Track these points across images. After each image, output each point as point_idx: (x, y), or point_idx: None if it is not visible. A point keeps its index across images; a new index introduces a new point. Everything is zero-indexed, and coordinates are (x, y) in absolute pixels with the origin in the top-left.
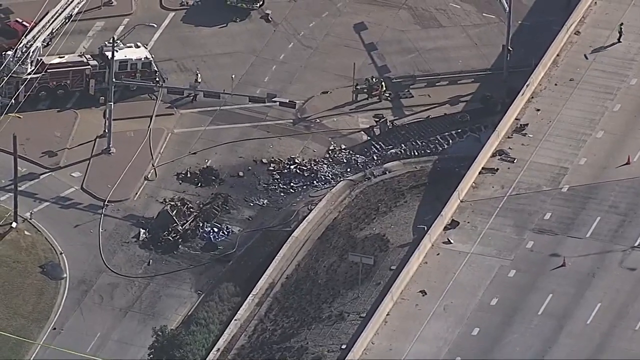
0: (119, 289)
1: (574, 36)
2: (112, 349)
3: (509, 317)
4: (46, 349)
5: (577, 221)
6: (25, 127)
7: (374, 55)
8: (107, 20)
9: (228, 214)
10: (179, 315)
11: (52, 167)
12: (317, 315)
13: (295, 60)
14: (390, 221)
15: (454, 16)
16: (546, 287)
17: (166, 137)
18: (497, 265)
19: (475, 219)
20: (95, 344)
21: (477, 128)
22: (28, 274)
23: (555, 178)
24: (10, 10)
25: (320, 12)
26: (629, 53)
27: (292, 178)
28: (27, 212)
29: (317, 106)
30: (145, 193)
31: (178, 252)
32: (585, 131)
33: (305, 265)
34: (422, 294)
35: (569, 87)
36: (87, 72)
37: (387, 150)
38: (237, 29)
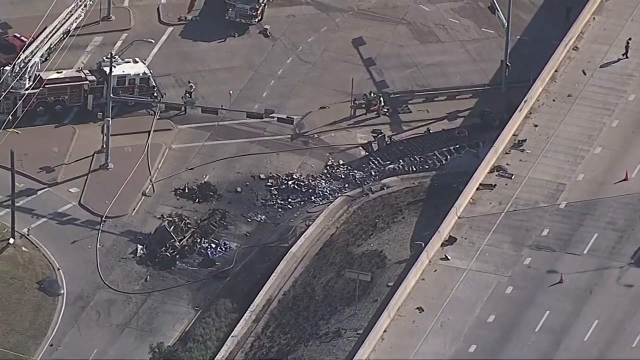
0: (116, 305)
1: (572, 52)
2: None
3: (507, 333)
4: None
5: (574, 238)
6: (23, 143)
7: (372, 70)
8: (106, 35)
9: (226, 230)
10: (176, 332)
11: (50, 183)
12: (314, 331)
13: (293, 75)
14: (388, 237)
15: (453, 31)
16: (544, 303)
17: (164, 153)
18: (495, 281)
19: (472, 235)
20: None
21: (475, 144)
22: (25, 290)
23: (553, 194)
24: (8, 25)
25: (318, 27)
26: (627, 69)
27: (290, 194)
28: (25, 228)
29: (315, 121)
30: (143, 209)
31: (175, 268)
32: (583, 147)
33: (303, 281)
34: (419, 310)
35: (567, 102)
36: (85, 87)
37: (385, 165)
38: (236, 44)
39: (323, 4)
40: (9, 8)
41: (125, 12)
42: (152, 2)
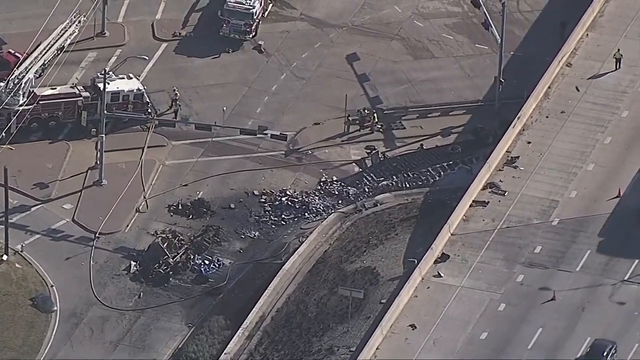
0: (109, 322)
1: (565, 68)
2: None
3: (499, 351)
4: None
5: (567, 255)
6: (16, 159)
7: (366, 86)
8: (100, 51)
9: (219, 246)
10: (169, 349)
11: (44, 199)
12: (306, 349)
13: (287, 91)
14: (381, 254)
15: (447, 47)
16: (536, 320)
17: (158, 169)
18: (487, 299)
19: (465, 252)
20: None
21: (468, 160)
22: (18, 306)
23: (546, 211)
24: (2, 41)
25: (312, 43)
26: (620, 85)
27: (284, 210)
28: (18, 244)
29: (309, 137)
30: (136, 225)
31: (169, 284)
32: (576, 164)
33: (296, 298)
34: (412, 327)
35: (561, 119)
36: (79, 103)
37: (378, 182)
38: (230, 60)
39: (317, 20)
40: (3, 24)
41: (119, 28)
42: (146, 18)
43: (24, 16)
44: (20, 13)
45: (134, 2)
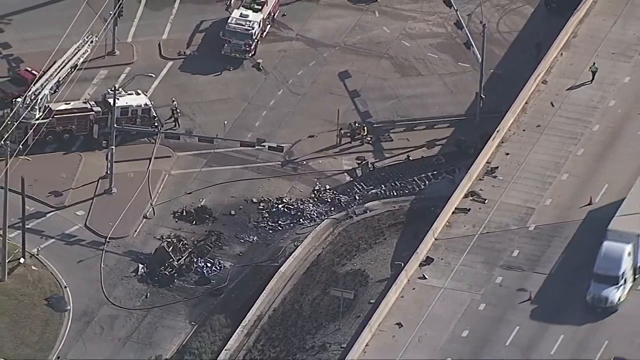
0: (118, 320)
1: (541, 85)
2: None
3: (479, 347)
4: None
5: (542, 258)
6: (33, 169)
7: (357, 101)
8: (110, 69)
9: (220, 250)
10: (174, 345)
11: (58, 206)
12: (301, 345)
13: (284, 106)
14: (370, 257)
15: (432, 65)
16: (514, 320)
17: (164, 178)
18: (469, 299)
19: (448, 255)
20: None
21: (451, 170)
22: (34, 306)
23: (523, 218)
24: (20, 60)
25: (307, 61)
26: (592, 101)
27: (280, 216)
28: (34, 248)
29: (304, 149)
30: (144, 230)
31: (174, 285)
32: (551, 174)
33: (291, 298)
34: (398, 326)
35: (537, 132)
36: (91, 117)
37: (368, 190)
38: (231, 77)
39: (312, 40)
40: (21, 44)
41: (128, 47)
42: (153, 38)
43: (40, 37)
44: (36, 34)
45: (142, 23)
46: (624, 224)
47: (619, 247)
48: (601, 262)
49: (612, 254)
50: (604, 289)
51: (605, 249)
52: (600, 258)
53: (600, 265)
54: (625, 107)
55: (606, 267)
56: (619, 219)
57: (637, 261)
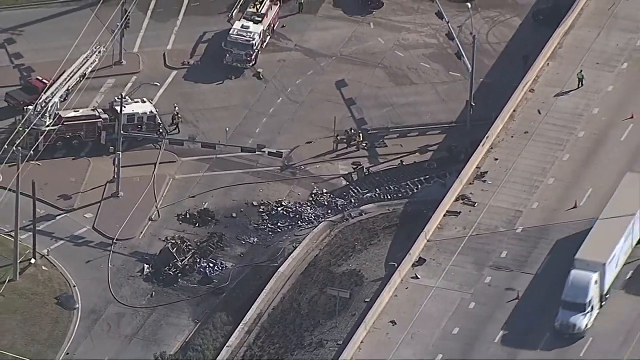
0: (125, 318)
1: (529, 93)
2: None
3: (469, 345)
4: None
5: (529, 259)
6: (43, 173)
7: (352, 109)
8: (117, 78)
9: (222, 251)
10: (177, 342)
11: (67, 209)
12: (299, 342)
13: (283, 113)
14: (365, 258)
15: (424, 74)
16: (502, 318)
17: (168, 182)
18: (459, 298)
19: (440, 256)
20: None
21: (442, 175)
22: (44, 304)
23: (511, 220)
24: (31, 69)
25: (305, 70)
26: (577, 109)
27: (279, 219)
28: (45, 249)
29: (302, 154)
30: (149, 232)
31: (178, 285)
32: (538, 178)
33: (290, 297)
34: (392, 323)
35: (524, 138)
36: (99, 124)
37: (363, 194)
38: (232, 86)
39: (310, 50)
40: (32, 54)
41: (134, 57)
42: (158, 48)
43: (50, 47)
44: (47, 44)
45: (147, 34)
46: (590, 253)
47: (586, 275)
48: (569, 290)
49: (579, 282)
50: (571, 316)
51: (573, 278)
52: (568, 286)
53: (568, 293)
54: (609, 115)
55: (574, 295)
56: (586, 249)
57: (604, 289)
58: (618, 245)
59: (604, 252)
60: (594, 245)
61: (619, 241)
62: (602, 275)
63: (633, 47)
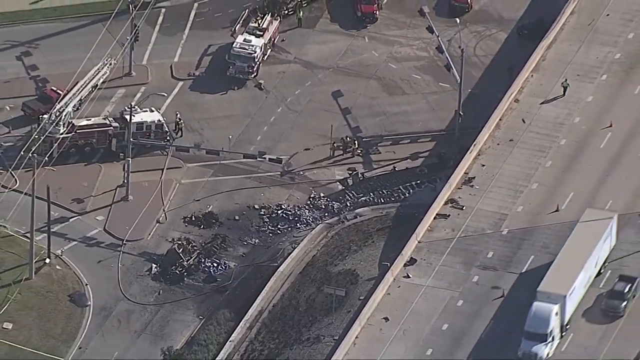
0: (134, 314)
1: (514, 103)
2: None
3: (457, 340)
4: None
5: (514, 259)
6: (57, 178)
7: (348, 118)
8: (127, 89)
9: (225, 252)
10: (183, 337)
11: (80, 212)
12: (298, 337)
13: (283, 122)
14: (360, 258)
15: (416, 85)
16: (488, 315)
17: (175, 187)
18: (448, 296)
19: (430, 257)
20: None
21: (433, 180)
22: (58, 301)
23: (497, 223)
24: (46, 80)
25: (304, 81)
26: (559, 118)
27: (279, 221)
28: (59, 249)
29: (301, 161)
30: (157, 234)
31: (184, 283)
32: (522, 183)
33: (289, 295)
34: (385, 320)
35: (509, 146)
36: (110, 132)
37: (358, 198)
38: (235, 96)
39: (308, 63)
40: (47, 66)
41: (144, 69)
42: (166, 61)
43: (64, 60)
44: (61, 57)
45: (156, 47)
46: (552, 285)
47: (547, 307)
48: (531, 321)
49: (541, 313)
50: (533, 346)
51: (535, 309)
52: (530, 317)
53: (530, 324)
54: (589, 124)
55: (536, 326)
56: (547, 281)
57: (564, 319)
58: (578, 278)
59: (564, 285)
60: (555, 278)
61: (579, 274)
62: (563, 307)
63: (611, 60)
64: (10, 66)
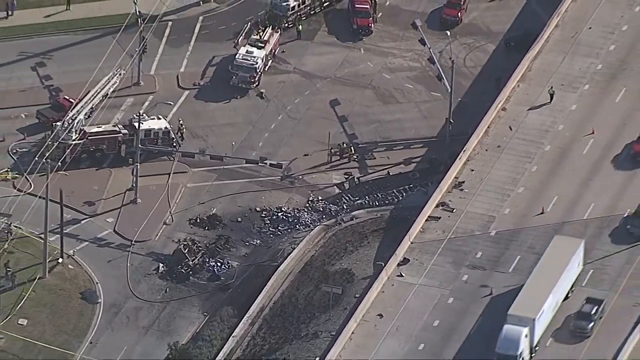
0: (142, 311)
1: (501, 112)
2: None
3: (448, 335)
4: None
5: (502, 259)
6: (70, 182)
7: (345, 125)
8: (136, 97)
9: (229, 252)
10: (189, 333)
11: (91, 214)
12: (297, 333)
13: (283, 129)
14: (356, 258)
15: (408, 94)
16: (477, 311)
17: (181, 190)
18: (439, 294)
19: (422, 257)
20: (123, 356)
21: (425, 184)
22: (71, 299)
23: (485, 225)
24: (60, 89)
25: (303, 90)
26: (544, 125)
27: (279, 223)
28: (71, 250)
29: (300, 166)
30: (164, 235)
31: (189, 282)
32: (509, 187)
33: (289, 293)
34: (379, 317)
35: (497, 152)
36: (119, 138)
37: (354, 201)
38: (238, 104)
39: (307, 73)
40: (60, 76)
41: (151, 79)
42: (172, 71)
43: (77, 70)
44: (73, 68)
45: (163, 58)
46: (521, 309)
47: (517, 330)
48: (501, 343)
49: (511, 336)
50: None
51: (505, 332)
52: (501, 340)
53: (500, 346)
54: (572, 131)
55: (506, 348)
56: (517, 305)
57: (533, 341)
58: (547, 302)
59: (534, 308)
60: (525, 302)
61: (548, 298)
62: (532, 330)
63: (593, 70)
64: (25, 76)
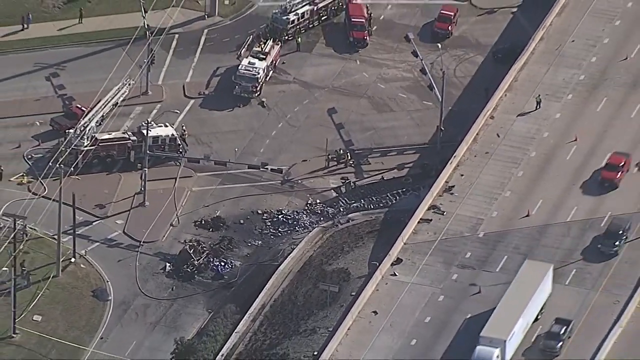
0: (150, 308)
1: (489, 120)
2: (144, 354)
3: (439, 331)
4: (95, 354)
5: (490, 259)
6: (82, 186)
7: (341, 132)
8: (144, 106)
9: (232, 252)
10: (194, 328)
11: (102, 216)
12: (296, 329)
13: (283, 136)
14: (352, 258)
15: (402, 103)
16: (466, 309)
17: (186, 194)
18: (430, 292)
19: (414, 257)
20: (131, 350)
21: (417, 188)
22: (82, 297)
23: (474, 227)
24: (72, 98)
25: (302, 100)
26: (530, 133)
27: (280, 225)
28: (83, 250)
29: (299, 171)
30: (170, 236)
31: (194, 280)
32: (497, 191)
33: (288, 291)
34: (374, 313)
35: (485, 158)
36: (129, 145)
37: (350, 204)
38: (241, 113)
39: (306, 83)
40: (73, 85)
41: (159, 88)
42: (179, 81)
43: (88, 80)
44: (85, 77)
45: (170, 69)
46: (493, 331)
47: (489, 350)
48: None
49: (483, 357)
50: None
51: (478, 353)
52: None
53: None
54: (556, 138)
55: None
56: (489, 327)
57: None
58: (517, 324)
59: (504, 330)
60: (496, 324)
61: (518, 321)
62: (503, 350)
63: (576, 81)
64: (40, 86)
